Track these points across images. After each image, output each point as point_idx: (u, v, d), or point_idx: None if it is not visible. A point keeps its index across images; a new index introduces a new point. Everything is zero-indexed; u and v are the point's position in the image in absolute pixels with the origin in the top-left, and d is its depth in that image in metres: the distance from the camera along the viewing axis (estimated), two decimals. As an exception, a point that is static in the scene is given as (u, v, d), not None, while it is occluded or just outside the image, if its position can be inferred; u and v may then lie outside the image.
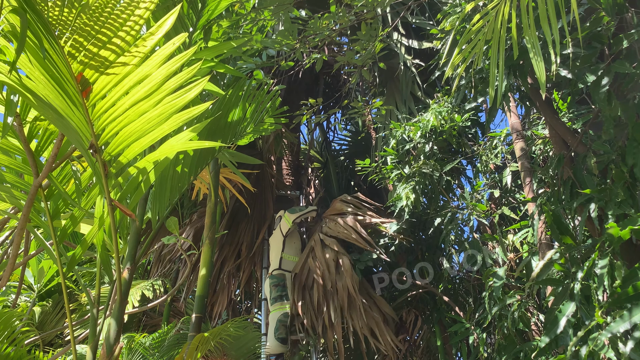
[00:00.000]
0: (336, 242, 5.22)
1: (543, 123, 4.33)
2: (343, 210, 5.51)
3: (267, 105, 2.61)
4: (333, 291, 4.97)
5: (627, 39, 2.59)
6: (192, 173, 2.33)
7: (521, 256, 4.01)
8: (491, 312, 3.44)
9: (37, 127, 2.00)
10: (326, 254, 5.17)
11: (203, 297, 2.92)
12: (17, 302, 4.53)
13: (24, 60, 1.45)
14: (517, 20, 2.51)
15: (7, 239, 2.39)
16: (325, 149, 8.24)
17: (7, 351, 2.28)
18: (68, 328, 1.87)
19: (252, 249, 5.88)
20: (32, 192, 1.72)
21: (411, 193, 4.44)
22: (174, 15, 1.55)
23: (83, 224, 2.19)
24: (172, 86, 1.59)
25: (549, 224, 2.81)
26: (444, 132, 4.42)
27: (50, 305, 5.49)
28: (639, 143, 2.70)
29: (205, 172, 3.50)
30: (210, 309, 5.99)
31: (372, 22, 3.66)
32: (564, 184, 3.23)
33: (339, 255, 5.14)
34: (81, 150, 1.67)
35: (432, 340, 5.40)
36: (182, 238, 2.53)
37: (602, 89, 2.63)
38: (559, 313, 2.48)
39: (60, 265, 1.86)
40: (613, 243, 2.38)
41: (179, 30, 2.41)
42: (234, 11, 3.28)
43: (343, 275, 4.99)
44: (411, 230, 5.72)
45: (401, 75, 5.48)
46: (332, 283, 4.99)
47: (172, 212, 5.80)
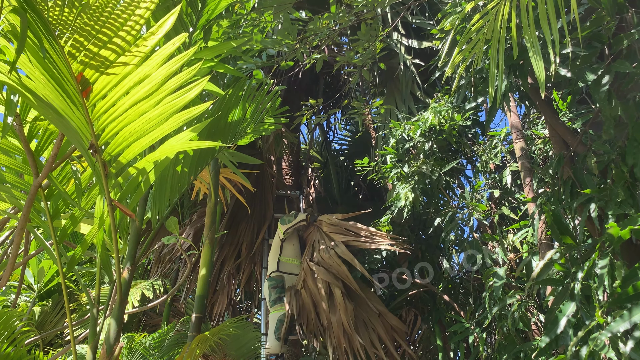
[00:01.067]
0: (326, 272, 4.95)
1: (543, 123, 4.33)
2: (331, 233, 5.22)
3: (267, 106, 2.62)
4: (329, 326, 4.75)
5: (627, 39, 2.58)
6: (192, 173, 2.33)
7: (521, 256, 4.01)
8: (491, 312, 3.44)
9: (37, 127, 2.00)
10: (318, 284, 4.90)
11: (203, 297, 2.92)
12: (17, 302, 4.53)
13: (24, 60, 1.45)
14: (517, 20, 2.51)
15: (7, 239, 2.39)
16: (325, 149, 8.24)
17: (7, 351, 2.28)
18: (68, 328, 1.87)
19: (252, 249, 5.88)
20: (32, 192, 1.72)
21: (410, 193, 4.43)
22: (174, 15, 1.55)
23: (83, 224, 2.19)
24: (172, 86, 1.59)
25: (549, 223, 2.81)
26: (443, 131, 4.42)
27: (50, 305, 5.49)
28: (639, 143, 2.70)
29: (205, 172, 3.50)
30: (210, 309, 5.99)
31: (372, 22, 3.66)
32: (564, 184, 3.23)
33: (332, 286, 4.87)
34: (81, 150, 1.67)
35: (431, 339, 5.40)
36: (182, 238, 2.53)
37: (603, 88, 2.63)
38: (559, 313, 2.48)
39: (60, 265, 1.86)
40: (613, 243, 2.38)
41: (179, 30, 2.41)
42: (234, 11, 3.28)
43: (337, 309, 4.74)
44: (411, 230, 5.72)
45: (401, 75, 5.48)
46: (327, 318, 4.76)
47: (172, 212, 5.80)
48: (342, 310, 4.70)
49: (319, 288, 4.83)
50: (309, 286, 4.91)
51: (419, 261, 5.55)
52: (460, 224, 4.59)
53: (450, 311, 5.25)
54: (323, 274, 4.88)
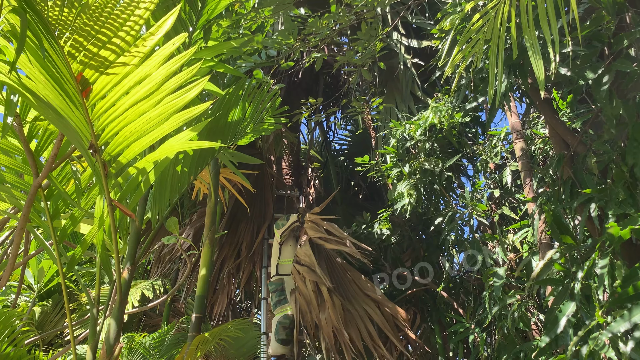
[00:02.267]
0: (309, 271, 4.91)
1: (543, 122, 4.33)
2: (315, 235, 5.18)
3: (267, 105, 2.61)
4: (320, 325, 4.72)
5: (627, 38, 2.58)
6: (192, 173, 2.33)
7: (521, 256, 4.00)
8: (491, 311, 3.44)
9: (37, 127, 2.00)
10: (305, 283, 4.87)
11: (203, 297, 2.92)
12: (17, 302, 4.53)
13: (24, 60, 1.45)
14: (517, 19, 2.50)
15: (7, 239, 2.39)
16: (325, 148, 8.24)
17: (7, 351, 2.28)
18: (68, 328, 1.86)
19: (252, 249, 5.87)
20: (32, 192, 1.72)
21: (413, 190, 4.43)
22: (174, 16, 1.55)
23: (83, 224, 2.19)
24: (172, 86, 1.59)
25: (549, 223, 2.81)
26: (443, 129, 4.42)
27: (50, 305, 5.49)
28: (639, 143, 2.70)
29: (205, 172, 3.50)
30: (210, 309, 5.99)
31: (372, 21, 3.66)
32: (564, 183, 3.22)
33: (319, 285, 4.83)
34: (81, 150, 1.67)
35: (431, 338, 5.41)
36: (182, 238, 2.53)
37: (603, 86, 2.63)
38: (559, 313, 2.48)
39: (60, 265, 1.86)
40: (613, 243, 2.38)
41: (178, 30, 2.41)
42: (234, 11, 3.27)
43: (326, 307, 4.71)
44: (411, 230, 5.73)
45: (401, 75, 5.48)
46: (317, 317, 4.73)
47: (172, 212, 5.80)
48: (330, 307, 4.68)
49: (307, 287, 4.85)
50: (299, 286, 4.93)
51: (419, 261, 5.56)
52: (461, 224, 4.59)
53: (450, 311, 5.26)
54: (307, 273, 4.89)
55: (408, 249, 5.75)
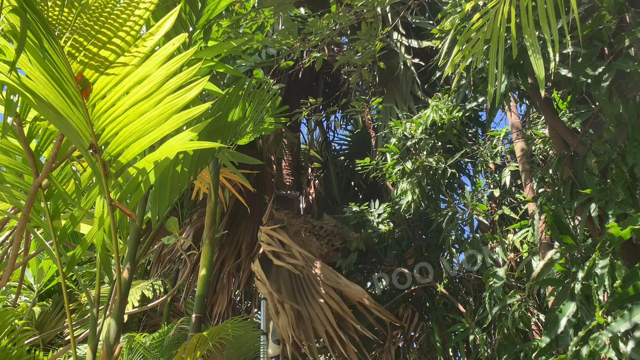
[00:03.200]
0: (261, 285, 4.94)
1: (543, 122, 4.33)
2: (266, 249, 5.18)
3: (267, 105, 2.61)
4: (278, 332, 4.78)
5: (629, 38, 2.58)
6: (192, 173, 2.33)
7: (521, 256, 4.00)
8: (491, 312, 3.44)
9: (37, 127, 2.00)
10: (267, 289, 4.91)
11: (203, 297, 2.92)
12: (17, 302, 4.53)
13: (24, 60, 1.45)
14: (517, 19, 2.50)
15: (7, 239, 2.39)
16: (325, 148, 8.24)
17: (8, 347, 2.28)
18: (68, 328, 1.86)
19: (252, 249, 5.88)
20: (32, 192, 1.72)
21: (417, 187, 4.43)
22: (174, 16, 1.55)
23: (83, 224, 2.19)
24: (172, 86, 1.59)
25: (549, 223, 2.81)
26: (444, 125, 4.41)
27: (50, 305, 5.49)
28: (639, 143, 2.70)
29: (205, 172, 3.50)
30: (210, 309, 5.99)
31: (372, 21, 3.66)
32: (564, 183, 3.22)
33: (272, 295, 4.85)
34: (81, 150, 1.66)
35: (430, 338, 5.41)
36: (182, 238, 2.53)
37: (604, 83, 2.63)
38: (560, 313, 2.48)
39: (60, 265, 1.86)
40: (613, 243, 2.38)
41: (178, 30, 2.41)
42: (234, 11, 3.27)
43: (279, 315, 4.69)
44: (412, 230, 5.73)
45: (401, 75, 5.48)
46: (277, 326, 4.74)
47: (172, 212, 5.80)
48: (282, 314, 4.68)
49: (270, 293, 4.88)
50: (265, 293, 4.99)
51: (419, 261, 5.56)
52: (461, 224, 4.58)
53: (450, 310, 5.26)
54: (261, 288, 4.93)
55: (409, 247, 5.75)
